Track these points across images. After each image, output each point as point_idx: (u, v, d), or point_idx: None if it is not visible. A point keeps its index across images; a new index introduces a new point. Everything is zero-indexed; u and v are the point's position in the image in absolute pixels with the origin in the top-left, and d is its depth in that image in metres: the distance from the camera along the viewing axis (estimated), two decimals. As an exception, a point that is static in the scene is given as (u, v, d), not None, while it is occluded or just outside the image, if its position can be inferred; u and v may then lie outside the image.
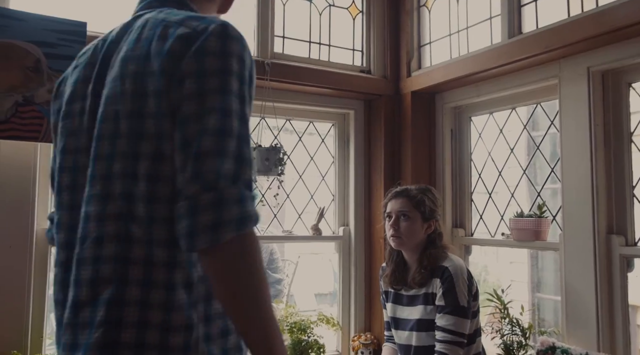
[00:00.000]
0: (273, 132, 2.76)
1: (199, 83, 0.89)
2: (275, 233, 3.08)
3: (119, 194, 0.91)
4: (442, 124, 2.86)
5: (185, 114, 0.89)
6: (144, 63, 0.93)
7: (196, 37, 0.92)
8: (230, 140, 0.88)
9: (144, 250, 0.90)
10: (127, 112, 0.92)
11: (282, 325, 2.62)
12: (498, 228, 2.67)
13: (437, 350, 1.95)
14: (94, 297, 0.89)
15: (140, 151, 0.91)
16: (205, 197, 0.84)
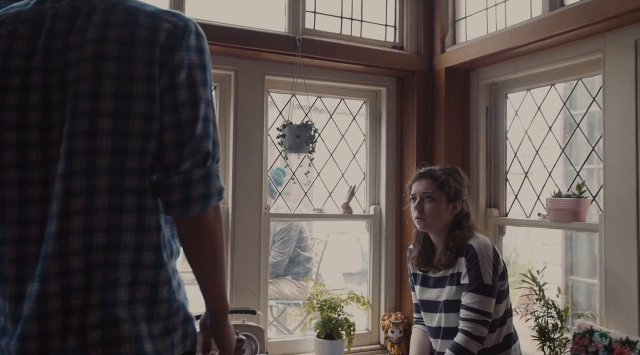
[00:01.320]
0: (304, 109, 2.73)
1: (189, 75, 1.04)
2: (306, 211, 3.07)
3: (108, 168, 0.99)
4: (477, 101, 2.78)
5: (180, 101, 1.02)
6: (129, 48, 1.01)
7: (181, 33, 1.05)
8: (211, 126, 1.06)
9: (135, 219, 1.01)
10: (111, 92, 0.99)
11: (313, 303, 2.62)
12: (534, 208, 2.60)
13: (460, 328, 1.93)
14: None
15: (130, 129, 0.99)
16: (198, 172, 1.02)
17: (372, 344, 2.87)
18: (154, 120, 1.01)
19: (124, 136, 0.99)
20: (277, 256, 3.70)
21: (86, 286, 0.97)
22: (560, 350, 2.19)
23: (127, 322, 0.98)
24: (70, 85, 1.00)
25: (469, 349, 1.89)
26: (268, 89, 2.67)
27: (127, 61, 1.00)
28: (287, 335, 3.57)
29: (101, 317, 0.97)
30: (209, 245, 1.08)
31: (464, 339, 1.90)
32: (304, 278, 3.70)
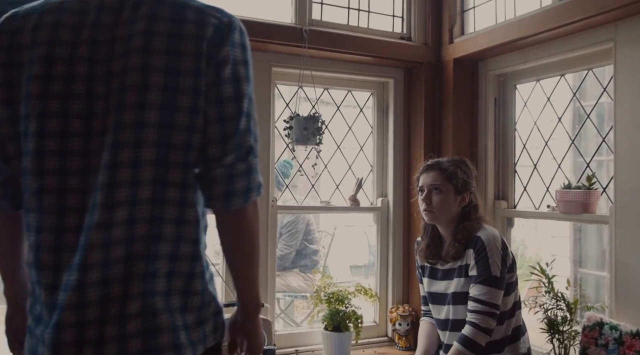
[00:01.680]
0: (311, 101, 2.72)
1: (234, 70, 1.05)
2: (313, 204, 3.06)
3: (153, 160, 0.99)
4: (485, 92, 2.76)
5: (225, 95, 1.04)
6: (176, 42, 1.01)
7: (227, 29, 1.06)
8: (253, 121, 1.08)
9: (176, 211, 1.02)
10: (159, 85, 0.99)
11: (320, 295, 2.62)
12: (543, 200, 2.58)
13: (468, 320, 1.92)
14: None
15: (176, 123, 1.00)
16: (240, 166, 1.03)
17: (379, 336, 2.87)
18: (199, 114, 1.02)
19: (170, 129, 1.00)
20: (284, 249, 3.69)
21: (126, 276, 0.97)
22: (570, 343, 2.17)
23: (164, 312, 0.99)
24: (117, 77, 1.00)
25: (477, 341, 1.89)
26: (275, 81, 2.65)
27: (176, 55, 1.01)
28: (295, 327, 3.57)
29: (141, 307, 0.98)
30: (247, 239, 1.09)
31: (471, 331, 1.89)
32: (311, 271, 3.70)
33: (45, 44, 1.02)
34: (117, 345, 0.96)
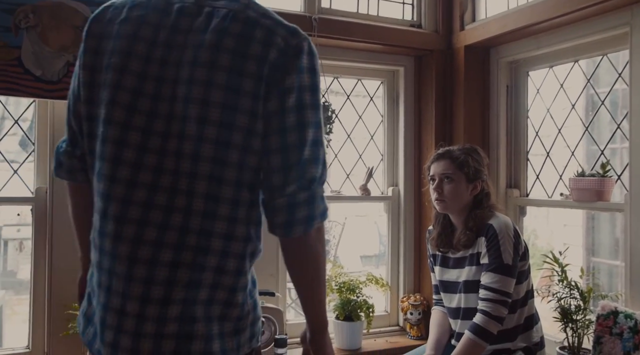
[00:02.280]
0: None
1: (299, 98, 1.03)
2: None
3: (208, 175, 1.01)
4: (497, 79, 2.72)
5: (288, 125, 1.03)
6: (240, 61, 1.02)
7: (293, 51, 1.04)
8: (321, 149, 1.07)
9: (226, 226, 1.03)
10: (219, 103, 1.01)
11: (331, 285, 2.62)
12: (556, 189, 2.55)
13: (479, 308, 1.90)
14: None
15: (232, 141, 1.01)
16: (302, 195, 1.03)
17: (391, 325, 2.87)
18: (254, 135, 1.03)
19: (226, 147, 1.01)
20: None
21: (169, 281, 1.01)
22: (583, 332, 2.15)
23: (202, 320, 1.03)
24: (183, 84, 1.02)
25: (488, 329, 1.87)
26: (284, 70, 2.63)
27: (238, 74, 1.01)
28: (306, 317, 3.58)
29: (181, 313, 1.01)
30: (310, 264, 1.11)
31: (483, 319, 1.88)
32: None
33: (127, 38, 1.06)
34: (153, 342, 1.01)
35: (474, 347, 1.89)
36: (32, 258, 2.21)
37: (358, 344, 2.58)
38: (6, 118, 2.30)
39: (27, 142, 2.28)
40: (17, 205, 2.30)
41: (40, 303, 2.20)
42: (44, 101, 2.17)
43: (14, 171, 2.23)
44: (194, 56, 1.02)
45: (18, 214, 3.44)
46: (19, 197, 2.23)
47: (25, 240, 4.24)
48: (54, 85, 2.04)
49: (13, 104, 2.40)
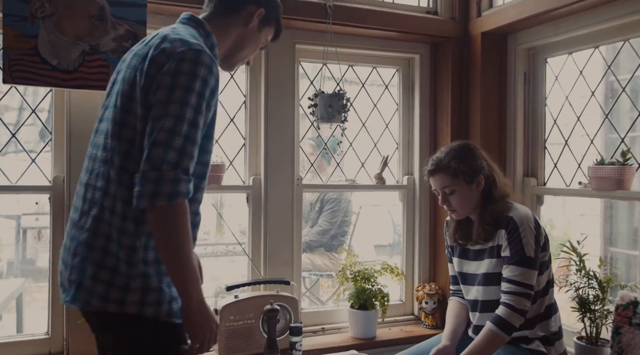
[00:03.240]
0: (335, 80, 2.68)
1: (168, 93, 1.28)
2: (340, 181, 3.04)
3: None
4: (514, 67, 2.68)
5: (153, 113, 1.28)
6: (141, 61, 1.35)
7: (174, 56, 1.31)
8: (178, 137, 1.26)
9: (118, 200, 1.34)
10: (124, 93, 1.36)
11: (346, 274, 2.62)
12: (574, 177, 2.51)
13: (502, 301, 1.89)
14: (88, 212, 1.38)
15: (128, 122, 1.35)
16: (151, 174, 1.24)
17: (406, 314, 2.86)
18: (140, 121, 1.34)
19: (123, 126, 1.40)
20: (325, 224, 3.71)
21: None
22: (601, 322, 2.13)
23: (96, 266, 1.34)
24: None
25: (511, 322, 1.86)
26: (299, 58, 2.62)
27: (136, 71, 1.39)
28: (321, 306, 3.59)
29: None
30: (163, 239, 1.28)
31: (506, 312, 1.86)
32: (336, 250, 3.70)
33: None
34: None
35: (494, 339, 1.87)
36: (50, 246, 2.24)
37: (373, 332, 2.58)
38: (24, 109, 2.32)
39: (45, 132, 2.30)
40: (35, 194, 2.32)
41: (58, 291, 2.22)
42: (60, 90, 2.19)
43: (32, 160, 2.25)
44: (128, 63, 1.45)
45: (36, 203, 3.48)
46: (37, 185, 2.25)
47: (43, 229, 4.30)
48: (70, 75, 2.05)
49: (31, 94, 2.42)
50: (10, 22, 1.97)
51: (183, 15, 1.52)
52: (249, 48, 1.59)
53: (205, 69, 1.31)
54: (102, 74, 2.09)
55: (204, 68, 1.31)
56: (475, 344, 1.91)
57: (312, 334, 2.61)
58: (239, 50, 1.58)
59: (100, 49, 2.08)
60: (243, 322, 2.28)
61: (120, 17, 2.10)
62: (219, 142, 2.55)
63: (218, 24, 1.52)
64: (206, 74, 1.32)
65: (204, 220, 1.52)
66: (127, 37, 2.11)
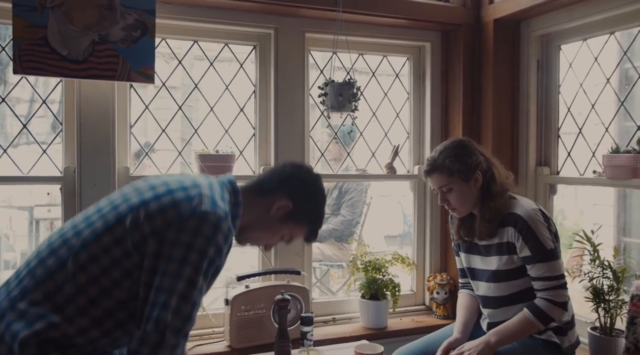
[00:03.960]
0: (345, 69, 2.65)
1: (183, 254, 1.28)
2: (351, 170, 3.02)
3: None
4: (527, 54, 2.64)
5: (163, 270, 1.28)
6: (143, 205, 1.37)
7: (192, 215, 1.32)
8: (186, 304, 1.27)
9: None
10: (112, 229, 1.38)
11: (356, 264, 2.61)
12: (588, 166, 2.48)
13: (541, 297, 1.87)
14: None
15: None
16: (153, 337, 1.23)
17: (417, 304, 2.85)
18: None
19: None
20: (348, 214, 3.71)
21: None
22: (616, 312, 2.11)
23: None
24: None
25: (551, 315, 1.86)
26: (309, 47, 2.60)
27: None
28: (331, 296, 3.59)
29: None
30: None
31: (547, 305, 1.86)
32: (346, 240, 3.69)
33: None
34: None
35: (529, 327, 1.88)
36: (62, 236, 2.24)
37: (384, 322, 2.57)
38: (35, 100, 2.32)
39: (57, 124, 2.31)
40: (46, 184, 2.33)
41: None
42: (70, 81, 2.18)
43: (43, 151, 2.25)
44: None
45: (48, 193, 3.50)
46: (48, 176, 2.26)
47: (55, 220, 4.33)
48: (79, 65, 2.04)
49: (42, 86, 2.42)
50: (20, 12, 1.97)
51: (226, 177, 1.56)
52: (263, 232, 1.59)
53: (222, 236, 1.32)
54: (112, 63, 2.09)
55: (221, 235, 1.32)
56: (508, 326, 1.90)
57: (323, 324, 2.61)
58: (252, 230, 1.57)
59: (110, 39, 2.08)
60: (254, 312, 2.28)
61: (129, 7, 2.09)
62: (228, 132, 2.54)
63: (250, 198, 1.54)
64: (222, 241, 1.32)
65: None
66: (136, 26, 2.10)
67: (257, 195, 1.55)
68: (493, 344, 1.86)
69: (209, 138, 2.50)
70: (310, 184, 1.59)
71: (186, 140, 2.66)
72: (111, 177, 2.24)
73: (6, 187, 3.72)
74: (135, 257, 1.31)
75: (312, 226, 1.62)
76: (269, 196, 1.54)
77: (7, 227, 4.81)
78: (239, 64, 2.56)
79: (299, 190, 1.56)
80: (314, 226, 1.62)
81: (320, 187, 1.63)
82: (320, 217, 1.63)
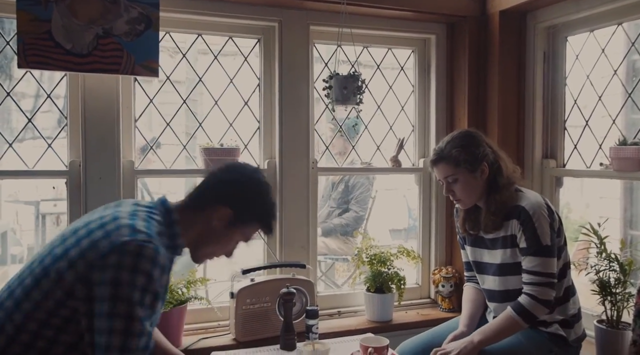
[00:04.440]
0: (350, 62, 2.64)
1: (112, 293, 1.27)
2: (356, 163, 3.02)
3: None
4: (533, 46, 2.62)
5: (100, 310, 1.28)
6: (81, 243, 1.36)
7: (115, 248, 1.30)
8: (132, 339, 1.27)
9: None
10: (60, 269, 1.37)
11: (362, 257, 2.61)
12: (594, 159, 2.46)
13: (525, 292, 1.86)
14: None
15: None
16: None
17: (422, 298, 2.85)
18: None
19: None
20: (360, 210, 3.71)
21: None
22: (623, 305, 2.10)
23: None
24: None
25: (534, 312, 1.84)
26: (313, 40, 2.59)
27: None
28: (337, 289, 3.59)
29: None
30: None
31: (530, 302, 1.84)
32: (351, 234, 3.69)
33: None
34: None
35: (513, 326, 1.86)
36: (68, 230, 2.25)
37: (389, 315, 2.57)
38: (41, 96, 2.33)
39: (62, 120, 2.31)
40: (52, 178, 2.33)
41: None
42: (75, 75, 2.18)
43: (48, 145, 2.26)
44: None
45: (53, 187, 3.51)
46: (53, 170, 2.26)
47: (61, 215, 4.35)
48: (84, 58, 2.04)
49: (47, 81, 2.42)
50: (24, 6, 1.97)
51: (160, 198, 1.53)
52: (214, 246, 1.55)
53: (148, 262, 1.30)
54: (116, 57, 2.08)
55: (145, 261, 1.29)
56: (491, 326, 1.89)
57: (329, 317, 2.61)
58: (204, 246, 1.54)
59: (114, 33, 2.07)
60: (259, 305, 2.28)
61: (133, 0, 2.08)
62: (233, 126, 2.53)
63: (187, 215, 1.50)
64: (148, 267, 1.29)
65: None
66: (140, 19, 2.10)
67: (196, 211, 1.51)
68: (476, 344, 1.84)
69: (214, 132, 2.50)
70: (243, 183, 1.53)
71: (191, 134, 2.66)
72: (116, 171, 2.24)
73: (12, 182, 3.74)
74: (70, 303, 1.31)
75: (263, 221, 1.56)
76: (205, 209, 1.50)
77: (14, 221, 4.84)
78: (243, 57, 2.55)
79: (233, 194, 1.51)
80: (265, 219, 1.56)
81: (258, 179, 1.56)
82: (267, 208, 1.57)
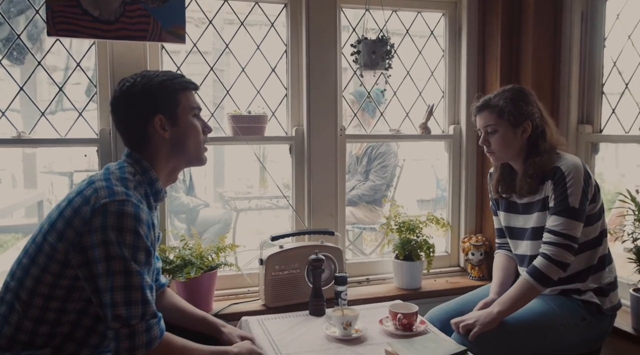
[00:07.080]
0: (379, 25, 2.58)
1: (106, 251, 1.33)
2: (383, 131, 2.98)
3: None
4: (570, 6, 2.51)
5: (98, 271, 1.35)
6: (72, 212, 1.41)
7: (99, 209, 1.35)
8: (135, 292, 1.34)
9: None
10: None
11: (390, 224, 2.59)
12: (634, 124, 2.37)
13: (541, 251, 1.83)
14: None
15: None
16: (123, 331, 1.33)
17: (451, 266, 2.83)
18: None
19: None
20: (378, 180, 3.70)
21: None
22: (660, 273, 2.05)
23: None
24: None
25: (548, 274, 1.80)
26: (340, 4, 2.53)
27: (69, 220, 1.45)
28: (365, 257, 3.60)
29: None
30: None
31: (544, 263, 1.80)
32: (379, 203, 3.67)
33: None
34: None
35: (529, 290, 1.83)
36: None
37: (418, 283, 2.57)
38: (70, 68, 2.34)
39: (91, 90, 2.32)
40: (83, 146, 2.36)
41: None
42: (103, 42, 2.19)
43: (79, 113, 2.28)
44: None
45: (85, 155, 3.58)
46: (84, 138, 2.29)
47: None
48: (111, 25, 2.04)
49: (75, 53, 2.43)
50: (51, -27, 1.96)
51: (123, 155, 1.55)
52: (190, 136, 1.56)
53: (131, 219, 1.35)
54: (143, 24, 2.07)
55: (128, 219, 1.34)
56: (509, 294, 1.87)
57: (357, 284, 2.62)
58: (183, 152, 1.56)
59: (140, -1, 2.06)
60: (288, 272, 2.30)
61: (159, -35, 2.06)
62: (260, 93, 2.52)
63: (146, 155, 1.53)
64: (133, 224, 1.35)
65: (248, 174, 1.55)
66: (166, -15, 2.07)
67: (143, 145, 1.52)
68: (496, 315, 1.82)
69: (241, 100, 2.49)
70: (140, 90, 1.50)
71: (217, 104, 2.65)
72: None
73: (47, 151, 3.82)
74: (68, 273, 1.38)
75: (176, 87, 1.54)
76: (147, 138, 1.51)
77: (49, 192, 4.97)
78: (269, 24, 2.51)
79: (144, 106, 1.50)
80: (176, 85, 1.55)
81: (144, 76, 1.53)
82: (169, 81, 1.53)
